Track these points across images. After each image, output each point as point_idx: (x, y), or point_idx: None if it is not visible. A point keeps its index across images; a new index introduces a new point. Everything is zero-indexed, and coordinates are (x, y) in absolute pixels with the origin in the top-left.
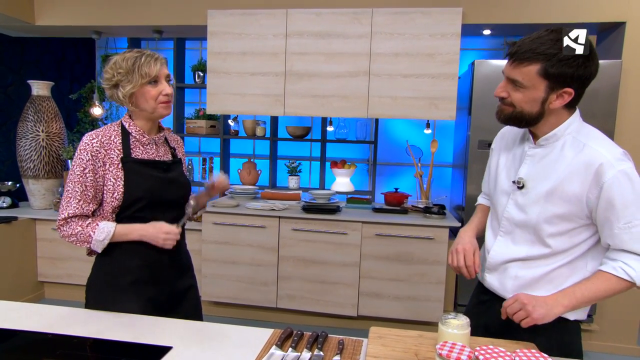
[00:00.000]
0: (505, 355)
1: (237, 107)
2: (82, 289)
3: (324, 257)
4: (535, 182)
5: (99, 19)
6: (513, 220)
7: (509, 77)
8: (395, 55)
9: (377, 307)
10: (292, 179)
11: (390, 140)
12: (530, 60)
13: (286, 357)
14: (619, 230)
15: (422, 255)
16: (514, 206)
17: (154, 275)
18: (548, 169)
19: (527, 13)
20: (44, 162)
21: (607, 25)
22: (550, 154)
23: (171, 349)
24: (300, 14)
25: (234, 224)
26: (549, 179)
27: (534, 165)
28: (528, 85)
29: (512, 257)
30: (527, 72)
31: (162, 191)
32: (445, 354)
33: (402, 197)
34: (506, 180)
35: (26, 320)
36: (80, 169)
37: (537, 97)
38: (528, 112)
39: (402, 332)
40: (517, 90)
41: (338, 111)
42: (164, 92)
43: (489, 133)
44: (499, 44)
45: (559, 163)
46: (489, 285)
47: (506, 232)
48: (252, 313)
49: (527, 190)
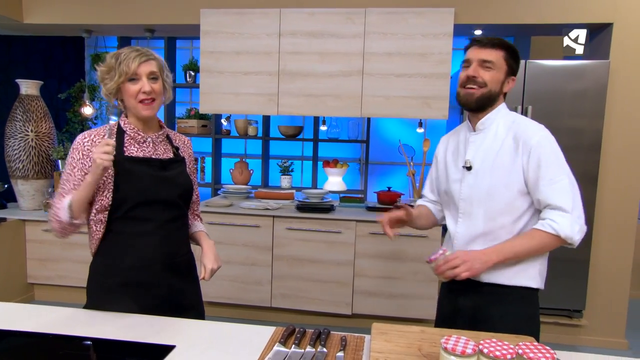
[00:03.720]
0: (509, 348)
1: (230, 107)
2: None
3: (318, 256)
4: (480, 161)
5: (89, 17)
6: (469, 199)
7: (482, 59)
8: (388, 55)
9: (371, 305)
10: (284, 178)
11: (381, 139)
12: (499, 46)
13: (290, 354)
14: (544, 187)
15: (415, 253)
16: (467, 186)
17: (147, 277)
18: (488, 148)
19: (518, 14)
20: (33, 163)
21: (595, 26)
22: (488, 136)
23: (174, 347)
24: (293, 14)
25: (227, 224)
26: (490, 155)
27: (477, 149)
28: (497, 66)
29: (474, 234)
30: (497, 55)
31: (155, 190)
32: (450, 348)
33: (395, 195)
34: (455, 170)
35: (24, 322)
36: (71, 168)
37: (500, 78)
38: (494, 92)
39: (405, 328)
40: (488, 70)
41: (332, 110)
42: (142, 89)
43: None
44: None
45: (496, 142)
46: None
47: (464, 212)
48: (247, 313)
49: (475, 170)
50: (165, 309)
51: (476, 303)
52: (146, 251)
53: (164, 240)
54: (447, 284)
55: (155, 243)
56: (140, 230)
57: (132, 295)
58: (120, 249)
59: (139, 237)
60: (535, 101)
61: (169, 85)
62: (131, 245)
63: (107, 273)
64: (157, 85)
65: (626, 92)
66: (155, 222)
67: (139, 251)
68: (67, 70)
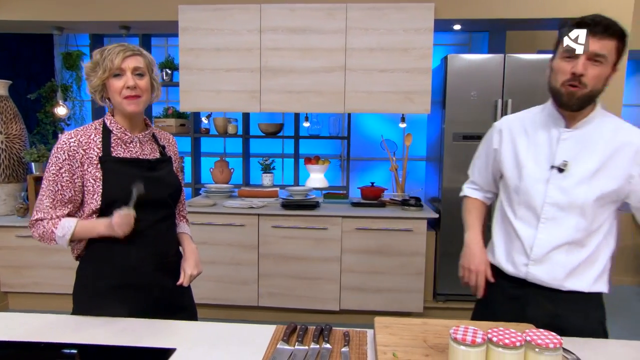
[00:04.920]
0: (517, 335)
1: (211, 104)
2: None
3: (305, 253)
4: (578, 163)
5: (62, 14)
6: (558, 204)
7: (594, 52)
8: (370, 50)
9: (359, 300)
10: (265, 176)
11: (362, 135)
12: (613, 35)
13: (295, 351)
14: None
15: (401, 247)
16: (558, 190)
17: (139, 279)
18: (588, 149)
19: (494, 9)
20: (4, 166)
21: (567, 21)
22: (587, 136)
23: (175, 350)
24: (274, 9)
25: (212, 224)
26: (592, 159)
27: (572, 148)
28: (609, 60)
29: (559, 243)
30: (610, 45)
31: (145, 191)
32: (460, 338)
33: (379, 190)
34: (536, 168)
35: (11, 331)
36: (56, 169)
37: (608, 73)
38: (597, 91)
39: (407, 321)
40: (598, 65)
41: (314, 107)
42: (126, 84)
43: (463, 126)
44: (465, 39)
45: (599, 144)
46: (533, 278)
47: (549, 218)
48: (233, 313)
49: (570, 173)
50: (157, 311)
51: (553, 312)
52: (137, 253)
53: (155, 241)
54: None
55: (146, 244)
56: (131, 232)
57: (124, 299)
58: (110, 252)
59: (130, 238)
60: (515, 94)
61: (157, 83)
62: (122, 248)
63: (98, 277)
64: (142, 82)
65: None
66: (146, 223)
67: (130, 253)
68: (36, 69)
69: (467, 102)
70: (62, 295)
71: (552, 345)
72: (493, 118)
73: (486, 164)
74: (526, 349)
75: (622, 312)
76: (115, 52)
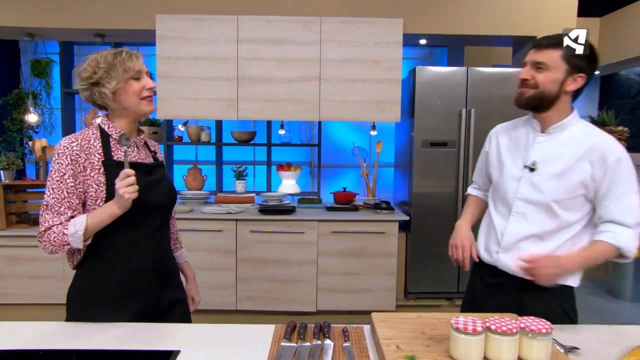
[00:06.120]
0: (512, 323)
1: (189, 112)
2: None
3: (282, 257)
4: (547, 164)
5: (34, 20)
6: (527, 199)
7: (534, 61)
8: (343, 61)
9: (334, 301)
10: (238, 183)
11: (331, 143)
12: (555, 46)
13: (299, 348)
14: (611, 202)
15: (375, 248)
16: (528, 186)
17: (139, 286)
18: (558, 152)
19: (455, 26)
20: None
21: (521, 38)
22: (560, 141)
23: (179, 352)
24: (251, 21)
25: (189, 229)
26: (560, 161)
27: (544, 151)
28: (551, 66)
29: (526, 235)
30: (551, 55)
31: (145, 195)
32: (462, 327)
33: (351, 195)
34: (513, 167)
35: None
36: (60, 175)
37: (557, 77)
38: (548, 92)
39: (402, 315)
40: (541, 71)
41: (291, 115)
42: (147, 86)
43: (430, 133)
44: (426, 54)
45: (568, 149)
46: (503, 265)
47: (519, 211)
48: (211, 318)
49: (539, 173)
50: (156, 316)
51: (519, 299)
52: (139, 259)
53: (155, 247)
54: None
55: (147, 250)
56: (132, 238)
57: (124, 305)
58: (112, 258)
59: (132, 244)
60: (477, 104)
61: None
62: (124, 254)
63: (98, 284)
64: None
65: None
66: (147, 229)
67: (132, 259)
68: (1, 76)
69: (434, 111)
70: (33, 305)
71: (544, 330)
72: (458, 126)
73: (481, 166)
74: (521, 335)
75: (590, 305)
76: (133, 55)
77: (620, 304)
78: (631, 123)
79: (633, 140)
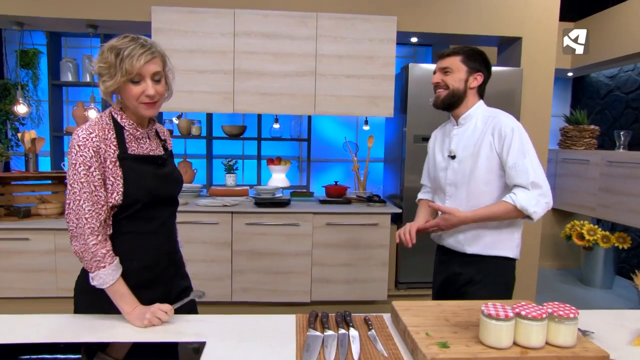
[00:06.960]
0: (540, 308)
1: (184, 105)
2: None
3: (277, 249)
4: (463, 150)
5: (24, 9)
6: (454, 183)
7: (441, 67)
8: (338, 57)
9: (328, 291)
10: (229, 176)
11: (319, 137)
12: (454, 53)
13: (325, 337)
14: (509, 170)
15: (367, 240)
16: (452, 172)
17: (154, 277)
18: (469, 139)
19: (446, 25)
20: None
21: (506, 39)
22: (469, 128)
23: (205, 344)
24: (247, 15)
25: (185, 222)
26: (470, 145)
27: (459, 140)
28: (455, 69)
29: None
30: (453, 60)
31: (159, 188)
32: (493, 313)
33: (343, 189)
34: (441, 159)
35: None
36: (85, 168)
37: (461, 77)
38: (457, 89)
39: (422, 304)
40: (447, 74)
41: (286, 108)
42: (146, 92)
43: (423, 128)
44: (411, 52)
45: (475, 133)
46: (448, 244)
47: (450, 195)
48: (207, 309)
49: (459, 159)
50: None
51: (463, 270)
52: (153, 250)
53: (167, 238)
54: (439, 256)
55: (159, 241)
56: (146, 230)
57: (140, 297)
58: (127, 251)
59: (146, 236)
60: None
61: (171, 80)
62: (139, 246)
63: None
64: (160, 87)
65: (534, 94)
66: (159, 221)
67: (146, 251)
68: None
69: (425, 107)
70: (23, 299)
71: (571, 315)
72: None
73: (427, 168)
74: (548, 320)
75: (544, 291)
76: (136, 55)
77: (591, 291)
78: (601, 122)
79: (602, 138)
